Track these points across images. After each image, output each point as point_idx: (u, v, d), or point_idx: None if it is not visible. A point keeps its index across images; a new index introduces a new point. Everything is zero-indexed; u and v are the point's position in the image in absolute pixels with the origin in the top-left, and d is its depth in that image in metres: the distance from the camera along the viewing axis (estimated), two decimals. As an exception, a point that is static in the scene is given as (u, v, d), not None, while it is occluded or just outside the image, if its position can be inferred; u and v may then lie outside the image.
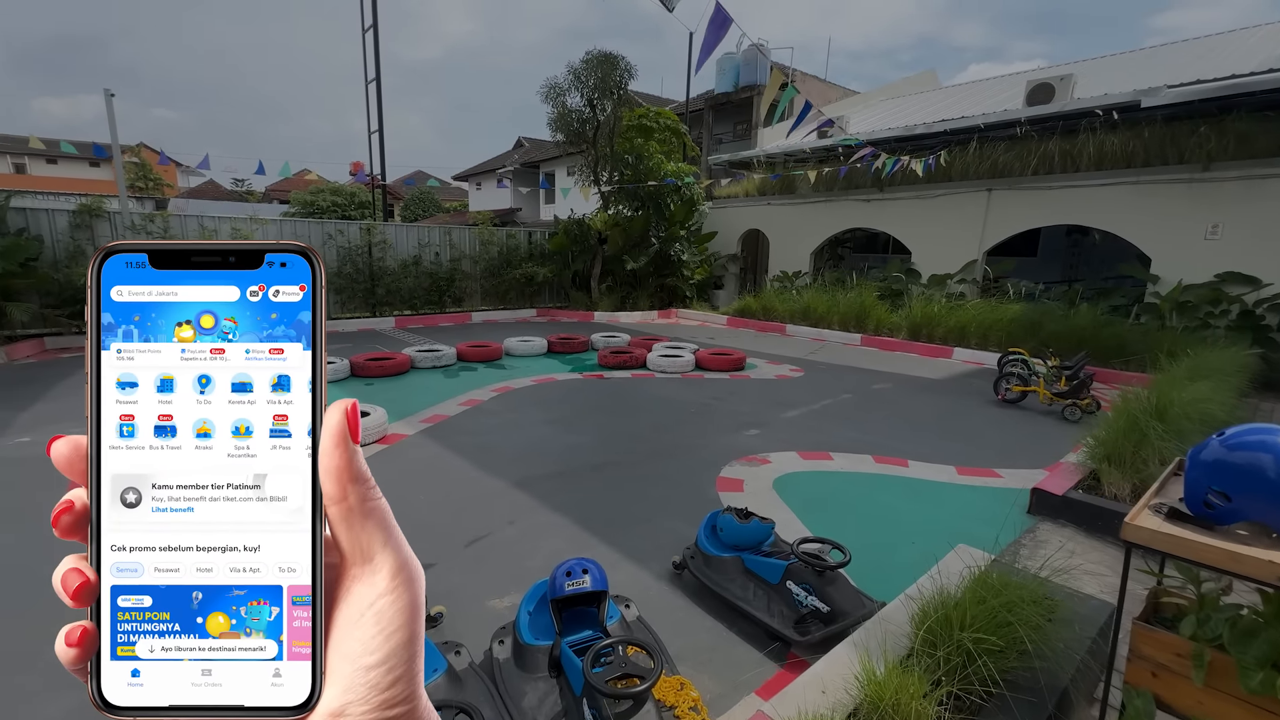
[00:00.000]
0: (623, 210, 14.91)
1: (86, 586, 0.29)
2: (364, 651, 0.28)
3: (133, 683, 0.29)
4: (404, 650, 0.29)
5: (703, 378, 8.37)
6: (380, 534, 0.30)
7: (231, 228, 11.54)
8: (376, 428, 5.37)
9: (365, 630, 0.29)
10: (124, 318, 0.30)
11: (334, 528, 0.30)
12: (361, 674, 0.28)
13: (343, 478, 0.29)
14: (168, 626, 0.29)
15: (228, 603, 0.30)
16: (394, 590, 0.29)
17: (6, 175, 32.93)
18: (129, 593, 0.29)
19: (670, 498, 4.34)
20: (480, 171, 36.88)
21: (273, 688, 0.29)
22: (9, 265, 8.65)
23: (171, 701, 0.29)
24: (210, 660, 0.29)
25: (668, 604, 3.06)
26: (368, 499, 0.30)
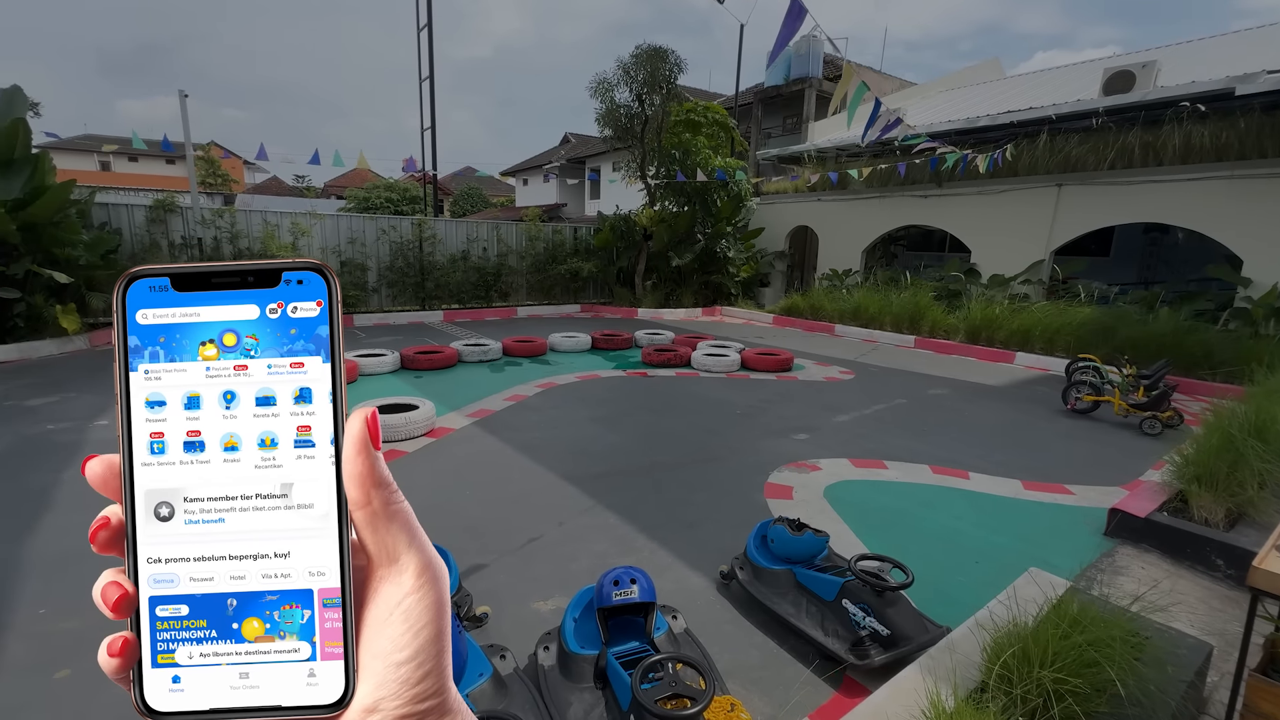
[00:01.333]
0: (668, 206, 14.78)
1: (125, 598, 0.30)
2: (394, 649, 0.29)
3: (174, 688, 0.30)
4: (432, 645, 0.30)
5: (748, 378, 8.19)
6: (404, 535, 0.31)
7: (292, 222, 12.00)
8: (425, 420, 5.45)
9: (394, 628, 0.30)
10: (150, 340, 0.31)
11: (360, 531, 0.31)
12: (392, 670, 0.29)
13: (366, 483, 0.30)
14: (205, 633, 0.30)
15: (261, 608, 0.31)
16: (420, 589, 0.30)
17: (93, 172, 35.25)
18: (166, 603, 0.30)
19: (717, 503, 4.23)
20: (527, 167, 37.35)
21: (308, 687, 0.30)
22: (92, 258, 9.21)
23: (212, 705, 0.30)
24: (247, 664, 0.30)
25: (715, 616, 2.96)
26: (391, 502, 0.30)
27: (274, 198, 32.20)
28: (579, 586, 3.03)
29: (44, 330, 8.58)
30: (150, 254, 10.47)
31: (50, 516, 3.77)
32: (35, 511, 3.83)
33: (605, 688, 2.26)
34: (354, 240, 12.83)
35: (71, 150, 32.34)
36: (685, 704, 1.91)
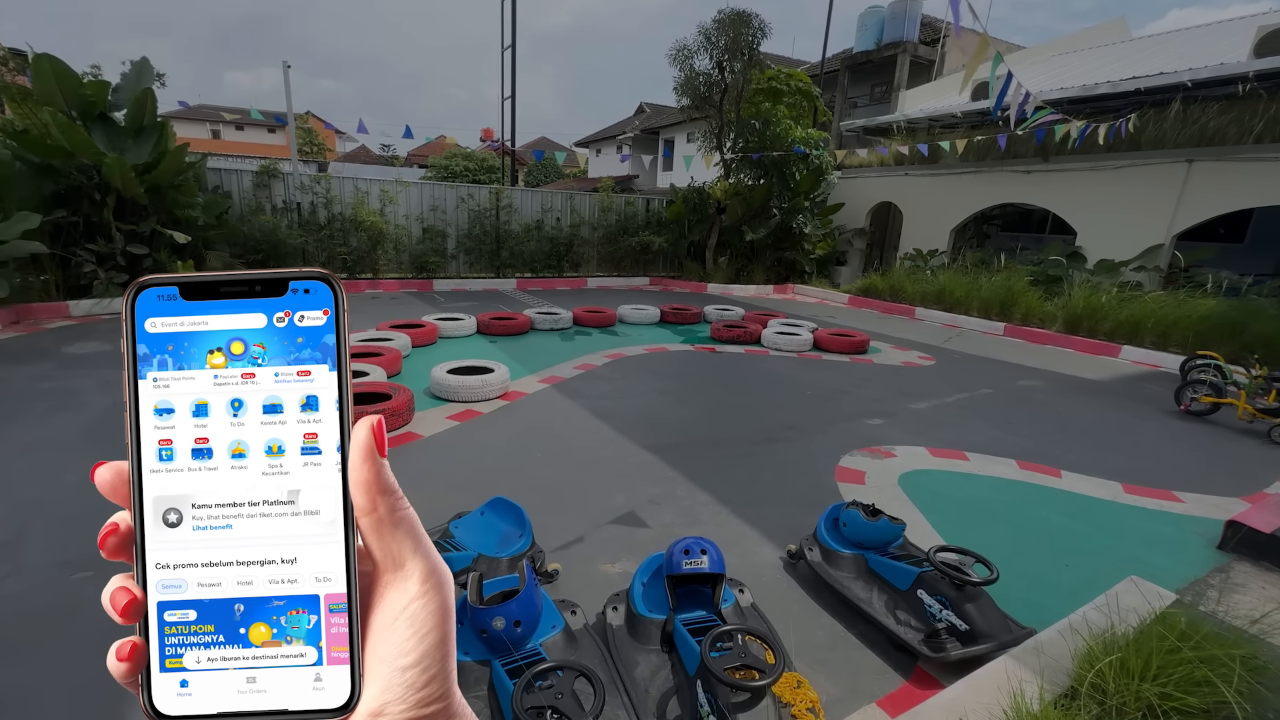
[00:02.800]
0: (744, 179, 14.38)
1: (134, 604, 0.30)
2: (399, 654, 0.30)
3: (182, 693, 0.31)
4: (437, 651, 0.30)
5: (820, 359, 7.95)
6: (410, 542, 0.31)
7: (380, 189, 12.57)
8: (500, 383, 5.65)
9: (399, 633, 0.30)
10: (158, 348, 0.31)
11: (366, 538, 0.31)
12: (398, 675, 0.29)
13: (372, 490, 0.30)
14: (212, 638, 0.31)
15: (268, 613, 0.31)
16: (425, 594, 0.30)
17: (205, 140, 38.20)
18: (174, 608, 0.31)
19: (785, 482, 4.17)
20: (601, 138, 37.29)
21: (314, 691, 0.31)
22: (207, 219, 10.04)
23: (220, 709, 0.30)
24: (254, 668, 0.31)
25: (781, 594, 2.94)
26: (397, 509, 0.31)
27: (363, 165, 33.89)
28: (645, 552, 3.08)
29: (167, 284, 9.47)
30: (256, 216, 11.28)
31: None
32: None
33: (671, 651, 2.31)
34: (435, 207, 13.31)
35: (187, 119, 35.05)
36: (753, 675, 1.92)
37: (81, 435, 4.39)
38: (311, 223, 11.91)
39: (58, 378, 5.66)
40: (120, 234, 8.81)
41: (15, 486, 3.59)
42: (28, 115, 8.25)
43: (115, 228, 8.75)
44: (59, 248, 8.52)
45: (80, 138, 8.06)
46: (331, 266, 12.15)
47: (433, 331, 7.84)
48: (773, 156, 13.10)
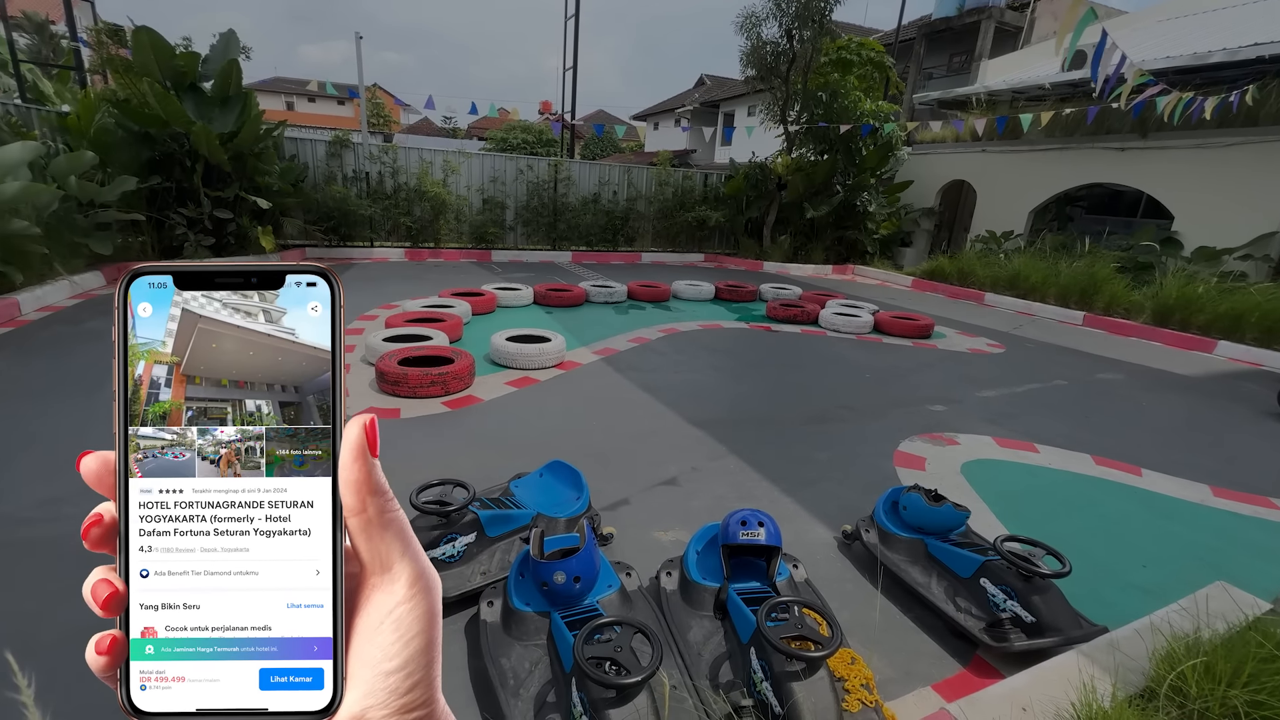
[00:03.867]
0: (806, 154, 13.90)
1: (116, 597, 0.30)
2: (383, 658, 0.29)
3: (161, 689, 0.30)
4: (422, 656, 0.30)
5: (881, 341, 7.70)
6: (398, 544, 0.30)
7: (444, 159, 12.85)
8: (556, 352, 5.75)
9: (384, 637, 0.30)
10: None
11: (354, 538, 0.30)
12: (381, 679, 0.29)
13: (362, 490, 0.30)
14: (194, 634, 0.30)
15: (253, 610, 0.31)
16: (412, 598, 0.30)
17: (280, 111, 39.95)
18: (157, 603, 0.30)
19: (841, 464, 4.10)
20: (659, 111, 36.72)
21: (296, 692, 0.30)
22: (284, 186, 10.54)
23: (199, 706, 0.30)
24: (235, 666, 0.30)
25: (835, 573, 2.92)
26: (386, 511, 0.30)
27: (425, 137, 34.69)
28: (698, 522, 3.11)
29: (248, 248, 10.04)
30: (328, 185, 11.76)
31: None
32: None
33: (724, 619, 2.33)
34: (495, 179, 13.50)
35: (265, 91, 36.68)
36: (809, 646, 1.92)
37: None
38: (379, 192, 12.32)
39: (155, 331, 6.15)
40: (208, 199, 9.37)
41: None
42: (128, 85, 8.82)
43: (203, 193, 9.31)
44: (154, 211, 9.15)
45: (173, 107, 8.57)
46: (396, 235, 12.59)
47: (492, 300, 8.03)
48: (839, 131, 12.57)
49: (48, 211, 6.90)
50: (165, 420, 0.30)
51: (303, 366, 0.31)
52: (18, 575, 2.53)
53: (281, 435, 0.31)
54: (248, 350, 0.31)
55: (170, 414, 0.30)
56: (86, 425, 3.88)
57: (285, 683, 0.30)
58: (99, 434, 3.79)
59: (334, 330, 0.31)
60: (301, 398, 0.31)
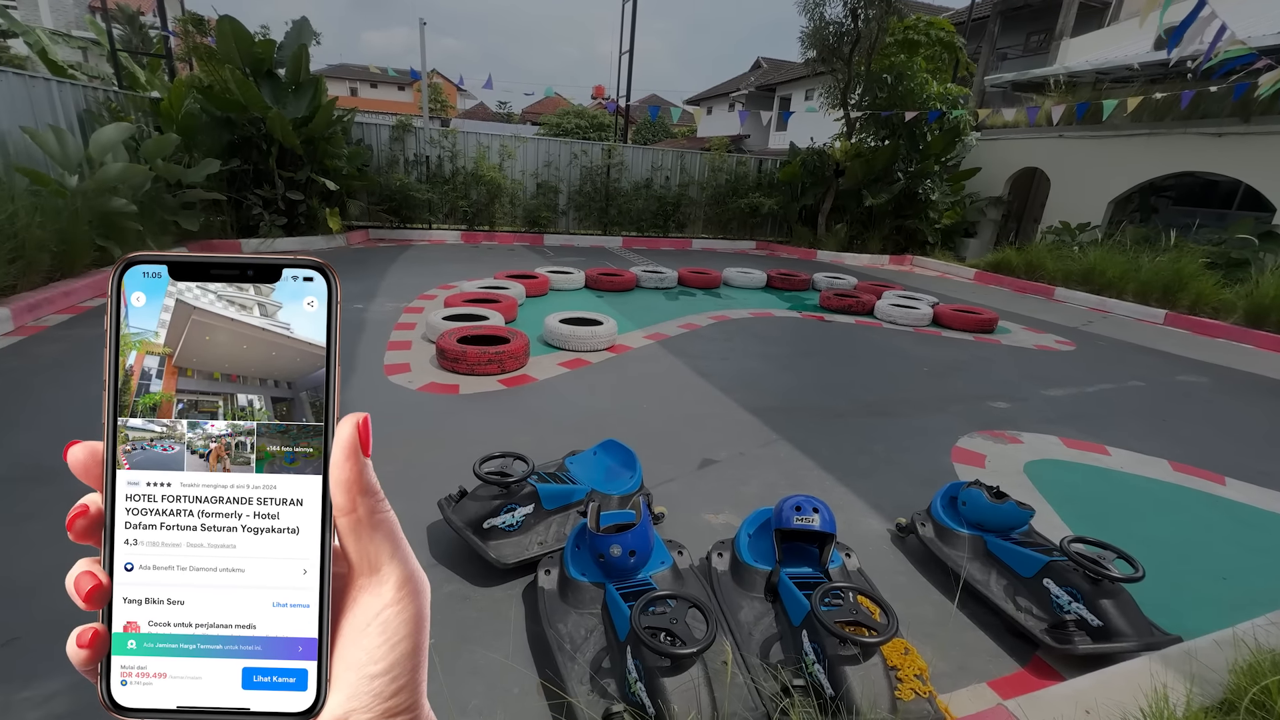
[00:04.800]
0: (867, 139, 13.43)
1: (99, 590, 0.29)
2: (369, 660, 0.29)
3: (142, 685, 0.30)
4: (408, 660, 0.29)
5: (940, 335, 7.44)
6: (388, 546, 0.30)
7: (500, 144, 13.07)
8: (608, 336, 5.82)
9: (371, 640, 0.29)
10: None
11: (343, 538, 0.30)
12: (366, 682, 0.29)
13: (352, 490, 0.29)
14: (177, 630, 0.30)
15: (237, 608, 0.30)
16: (400, 601, 0.30)
17: (345, 97, 41.45)
18: (140, 597, 0.30)
19: (895, 457, 4.01)
20: (712, 95, 36.17)
21: (279, 693, 0.30)
22: (351, 169, 10.97)
23: (180, 703, 0.30)
24: (218, 664, 0.30)
25: (888, 565, 2.88)
26: (376, 511, 0.30)
27: (480, 122, 35.31)
28: (748, 507, 3.12)
29: (316, 229, 10.54)
30: (391, 168, 12.17)
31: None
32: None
33: (775, 601, 2.35)
34: (550, 163, 13.65)
35: (331, 77, 38.05)
36: (863, 633, 1.92)
37: (256, 354, 5.09)
38: (438, 176, 12.66)
39: (235, 304, 6.55)
40: (281, 181, 9.86)
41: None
42: (212, 72, 9.35)
43: (278, 175, 9.80)
44: (233, 192, 9.71)
45: (252, 93, 9.03)
46: (453, 218, 12.93)
47: (545, 283, 8.18)
48: (902, 116, 12.08)
49: (141, 191, 7.42)
50: (155, 412, 0.30)
51: (297, 362, 0.30)
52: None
53: (273, 431, 0.30)
54: (241, 344, 0.30)
55: (160, 406, 0.30)
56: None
57: (268, 683, 0.30)
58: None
59: (330, 326, 0.31)
60: (294, 394, 0.31)
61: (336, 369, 0.31)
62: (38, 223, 5.76)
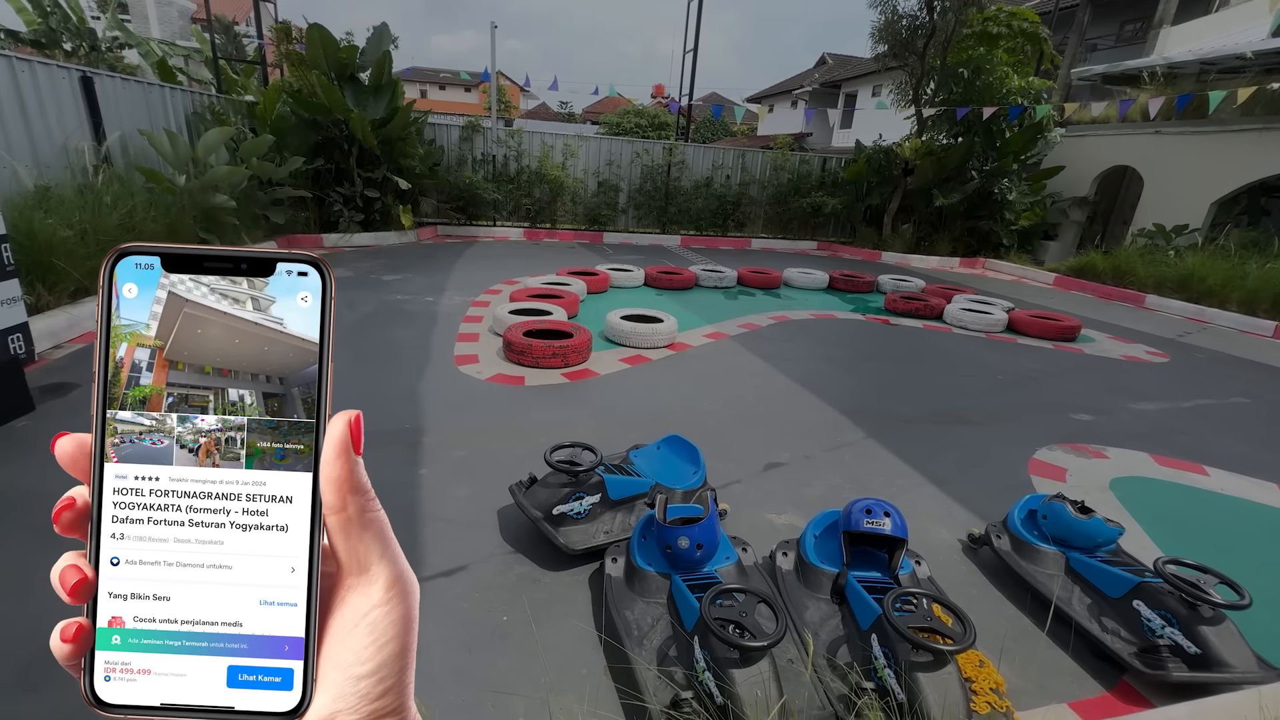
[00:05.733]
0: (938, 137, 12.89)
1: (84, 584, 0.29)
2: (356, 661, 0.29)
3: (126, 681, 0.29)
4: (396, 661, 0.29)
5: (1015, 342, 7.08)
6: (377, 545, 0.30)
7: (564, 143, 13.33)
8: (668, 333, 5.86)
9: (358, 640, 0.29)
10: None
11: (332, 537, 0.30)
12: (352, 683, 0.28)
13: (343, 488, 0.29)
14: (162, 626, 0.30)
15: (223, 607, 0.30)
16: (388, 602, 0.29)
17: (415, 99, 43.27)
18: (126, 592, 0.30)
19: (967, 466, 3.87)
20: (774, 93, 35.55)
21: (264, 692, 0.30)
22: (423, 168, 11.46)
23: (163, 700, 0.29)
24: (203, 662, 0.29)
25: (959, 577, 2.79)
26: (367, 510, 0.30)
27: (542, 122, 36.08)
28: (811, 508, 3.09)
29: (390, 225, 11.06)
30: (460, 167, 12.63)
31: (396, 353, 5.02)
32: (395, 352, 5.13)
33: (842, 604, 2.33)
34: (611, 162, 13.81)
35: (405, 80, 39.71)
36: (937, 639, 1.88)
37: (339, 341, 5.36)
38: (503, 175, 13.04)
39: (319, 295, 6.98)
40: (360, 179, 10.41)
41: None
42: (301, 77, 9.97)
43: (357, 174, 10.36)
44: (317, 189, 10.32)
45: (336, 96, 9.57)
46: (516, 216, 13.28)
47: (605, 280, 8.29)
48: (979, 111, 11.53)
49: (239, 189, 8.01)
50: (145, 405, 0.30)
51: (289, 357, 0.30)
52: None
53: (263, 427, 0.30)
54: (233, 338, 0.30)
55: (150, 399, 0.30)
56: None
57: (254, 681, 0.29)
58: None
59: (323, 322, 0.30)
60: (286, 389, 0.30)
61: (329, 365, 0.31)
62: (151, 217, 6.33)
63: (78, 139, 6.45)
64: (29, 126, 5.88)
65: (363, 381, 4.52)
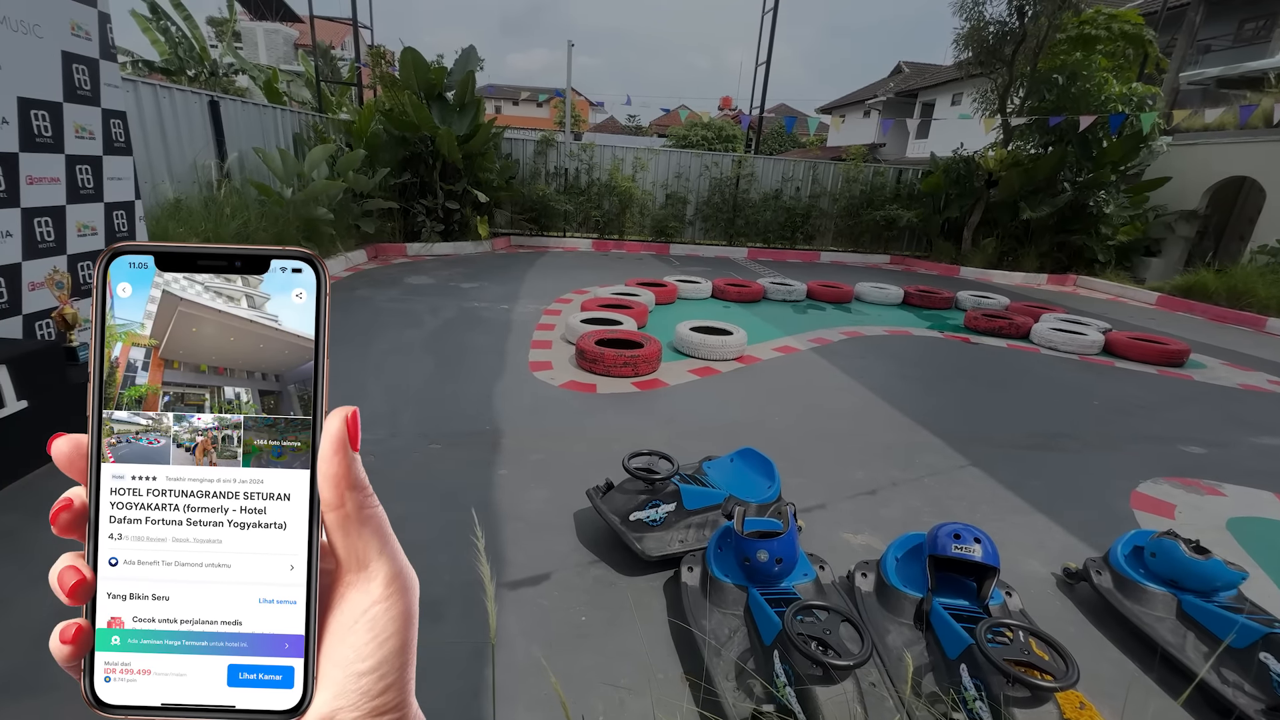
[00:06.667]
0: (1026, 146, 12.23)
1: (83, 584, 0.29)
2: (356, 658, 0.28)
3: (126, 682, 0.29)
4: (396, 658, 0.29)
5: (1113, 365, 6.60)
6: (376, 541, 0.30)
7: (634, 156, 13.58)
8: (738, 346, 5.84)
9: (358, 637, 0.29)
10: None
11: (330, 534, 0.30)
12: (353, 680, 0.28)
13: (340, 484, 0.29)
14: (162, 626, 0.29)
15: (222, 605, 0.30)
16: (388, 598, 0.29)
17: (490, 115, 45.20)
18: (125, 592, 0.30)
19: (1059, 495, 3.64)
20: (846, 103, 34.82)
21: (265, 691, 0.29)
22: (500, 181, 11.96)
23: (164, 700, 0.29)
24: (203, 662, 0.29)
25: (1053, 612, 2.63)
26: (365, 506, 0.29)
27: (610, 135, 36.86)
28: (889, 530, 3.02)
29: (467, 235, 11.60)
30: (534, 180, 13.09)
31: (475, 358, 5.25)
32: (474, 357, 5.37)
33: (927, 630, 2.25)
34: (680, 175, 13.93)
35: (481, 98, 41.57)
36: (1036, 674, 1.79)
37: (421, 345, 5.71)
38: (574, 187, 13.41)
39: (403, 301, 7.41)
40: (442, 192, 10.99)
41: (387, 376, 4.85)
42: (393, 97, 10.66)
43: (439, 187, 10.94)
44: (403, 202, 10.98)
45: (425, 114, 10.17)
46: (586, 227, 13.61)
47: (673, 291, 8.36)
48: (1074, 120, 10.86)
49: (335, 200, 8.64)
50: (141, 405, 0.30)
51: (284, 354, 0.30)
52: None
53: (260, 425, 0.30)
54: (228, 336, 0.30)
55: (146, 398, 0.30)
56: (366, 371, 4.86)
57: (254, 680, 0.29)
58: (376, 378, 4.73)
59: (318, 318, 0.30)
60: (282, 387, 0.30)
61: (325, 362, 0.31)
62: (262, 226, 6.94)
63: (205, 156, 7.17)
64: (167, 145, 6.60)
65: (445, 384, 4.76)
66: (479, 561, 0.94)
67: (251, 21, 24.19)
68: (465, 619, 2.34)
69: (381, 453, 3.58)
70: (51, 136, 3.79)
